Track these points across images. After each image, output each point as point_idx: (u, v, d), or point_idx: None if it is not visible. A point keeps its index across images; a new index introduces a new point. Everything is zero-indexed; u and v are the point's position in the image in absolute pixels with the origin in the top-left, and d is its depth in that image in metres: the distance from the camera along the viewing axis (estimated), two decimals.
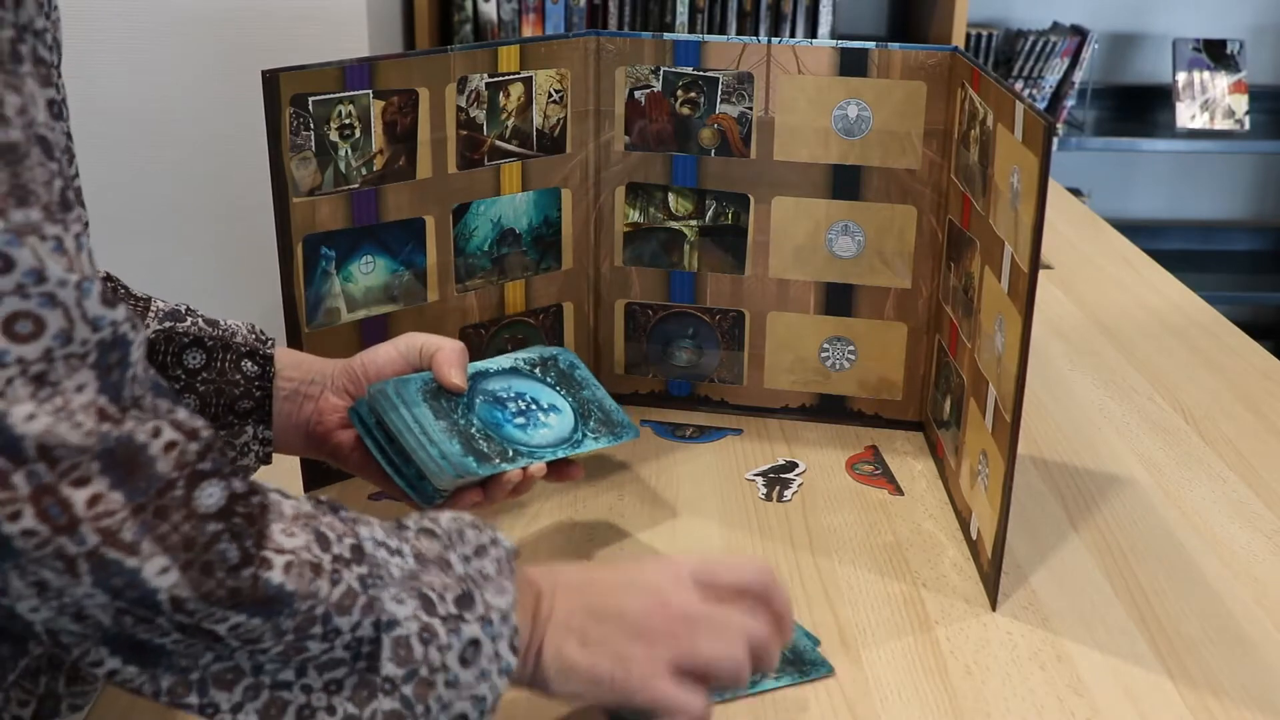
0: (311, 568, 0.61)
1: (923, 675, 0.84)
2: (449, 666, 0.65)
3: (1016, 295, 0.87)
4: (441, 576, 0.67)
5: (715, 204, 1.15)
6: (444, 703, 0.65)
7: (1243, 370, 1.35)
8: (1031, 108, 0.84)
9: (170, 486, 0.57)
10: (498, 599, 0.68)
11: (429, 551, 0.68)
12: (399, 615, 0.64)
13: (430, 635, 0.65)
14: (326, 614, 0.62)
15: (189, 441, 0.58)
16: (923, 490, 1.08)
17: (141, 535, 0.56)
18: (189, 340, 0.92)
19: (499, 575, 0.69)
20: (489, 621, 0.67)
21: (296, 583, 0.60)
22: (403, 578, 0.65)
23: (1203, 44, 3.32)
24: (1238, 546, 1.01)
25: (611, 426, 0.95)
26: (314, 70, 0.98)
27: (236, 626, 0.59)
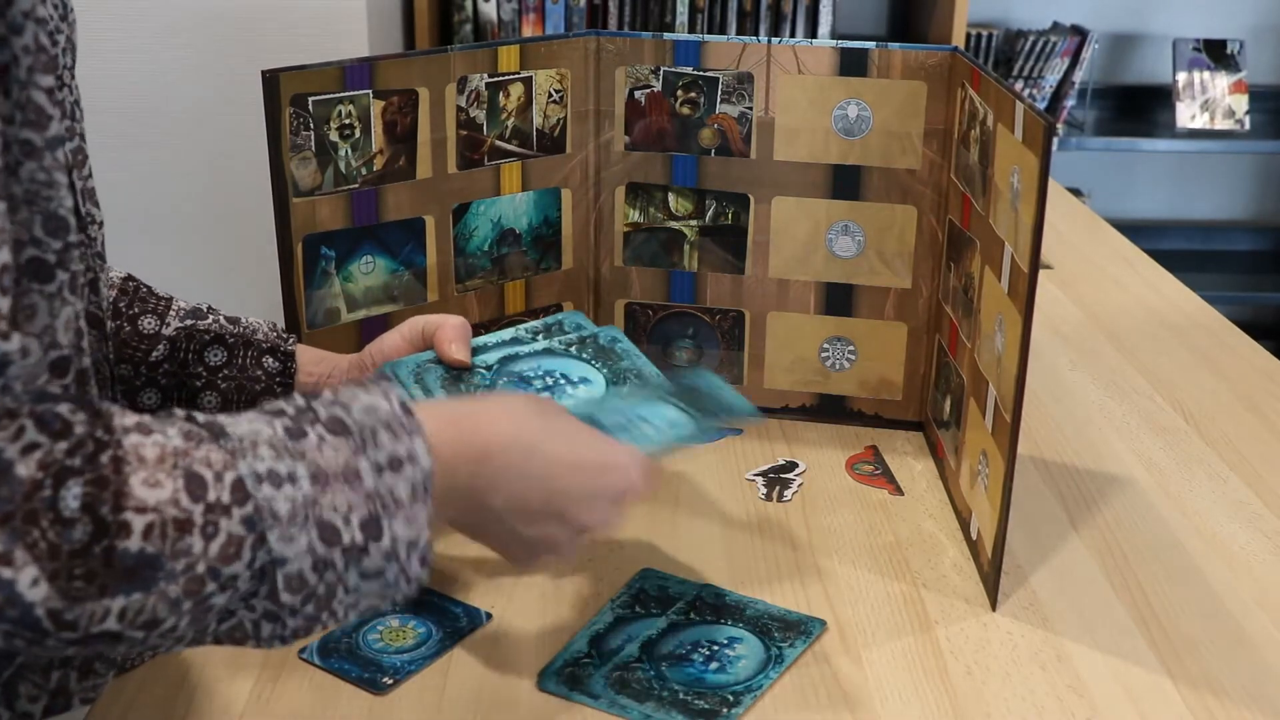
0: (177, 525, 0.57)
1: (923, 675, 0.84)
2: (348, 583, 0.63)
3: (1016, 295, 0.87)
4: (346, 493, 0.63)
5: (715, 204, 1.15)
6: (347, 603, 0.64)
7: (1243, 370, 1.35)
8: (1031, 108, 0.84)
9: (38, 488, 0.54)
10: (406, 529, 0.64)
11: (332, 463, 0.63)
12: (287, 553, 0.61)
13: (325, 565, 0.62)
14: (212, 569, 0.58)
15: (55, 440, 0.55)
16: (923, 490, 1.08)
17: (12, 544, 0.53)
18: (210, 337, 0.93)
19: (412, 501, 0.65)
20: (393, 555, 0.64)
21: (159, 543, 0.56)
22: (292, 513, 0.61)
23: (1203, 44, 3.32)
24: (1238, 546, 1.01)
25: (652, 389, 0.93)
26: (314, 70, 0.98)
27: (124, 613, 0.56)
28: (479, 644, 0.87)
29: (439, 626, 0.88)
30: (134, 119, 2.01)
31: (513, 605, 0.90)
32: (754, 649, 0.85)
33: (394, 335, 0.93)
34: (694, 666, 0.84)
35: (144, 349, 0.92)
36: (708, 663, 0.84)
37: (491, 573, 0.94)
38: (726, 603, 0.90)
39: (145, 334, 0.93)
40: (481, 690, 0.82)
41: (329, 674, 0.83)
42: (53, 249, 0.63)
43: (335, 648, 0.85)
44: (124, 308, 0.93)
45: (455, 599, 0.91)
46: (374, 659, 0.84)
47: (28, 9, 0.61)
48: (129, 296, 0.93)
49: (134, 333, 0.92)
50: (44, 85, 0.63)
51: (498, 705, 0.81)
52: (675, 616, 0.89)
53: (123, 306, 0.93)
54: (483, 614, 0.89)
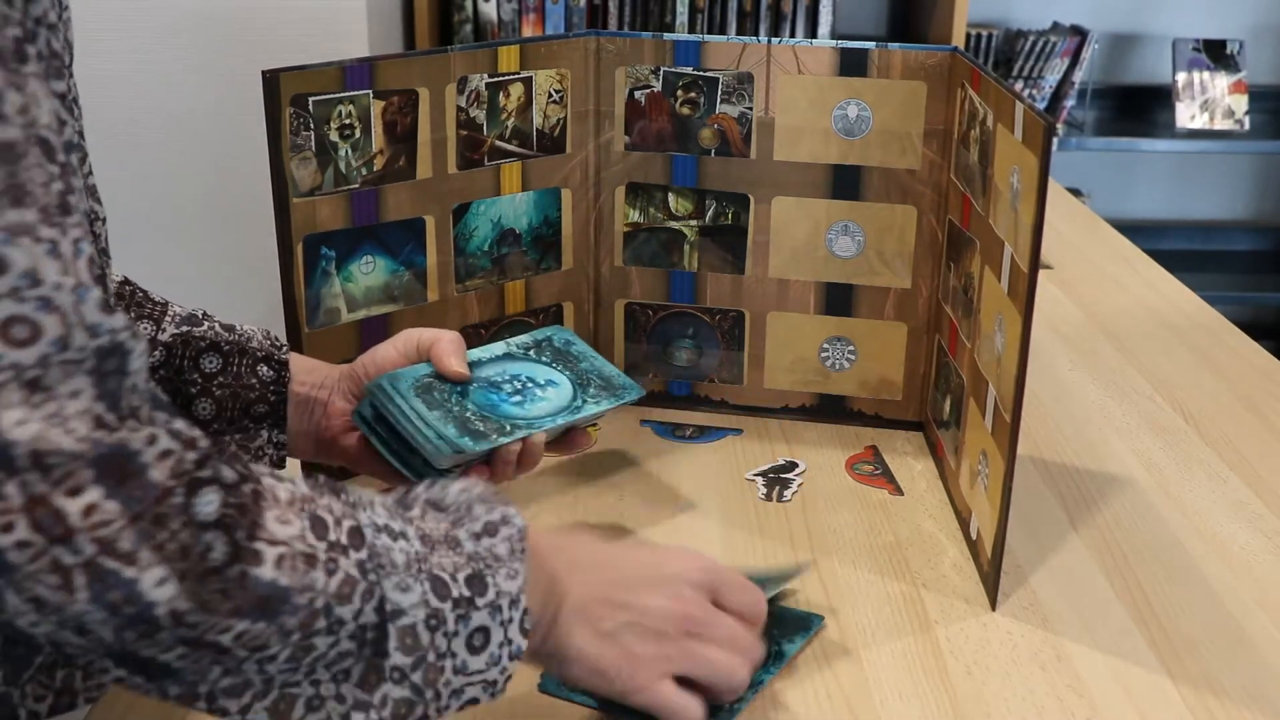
0: (305, 559, 0.59)
1: (923, 675, 0.84)
2: (456, 652, 0.65)
3: (1016, 295, 0.87)
4: (451, 556, 0.66)
5: (715, 204, 1.15)
6: (454, 688, 0.65)
7: (1243, 370, 1.35)
8: (1031, 108, 0.84)
9: (168, 494, 0.56)
10: (509, 584, 0.66)
11: (435, 531, 0.66)
12: (404, 604, 0.63)
13: (438, 622, 0.64)
14: (328, 606, 0.60)
15: (186, 450, 0.57)
16: (923, 490, 1.08)
17: (139, 545, 0.54)
18: (205, 344, 0.93)
19: (510, 558, 0.67)
20: (498, 609, 0.66)
21: (290, 576, 0.58)
22: (407, 563, 0.64)
23: (1202, 44, 3.32)
24: (1238, 546, 1.01)
25: (613, 390, 0.96)
26: (314, 70, 0.98)
27: (241, 635, 0.58)
28: None
29: None
30: (134, 119, 2.01)
31: None
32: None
33: (387, 348, 0.93)
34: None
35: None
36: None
37: None
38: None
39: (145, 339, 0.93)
40: None
41: None
42: None
43: None
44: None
45: None
46: None
47: (40, 15, 0.61)
48: (125, 301, 0.93)
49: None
50: (58, 90, 0.63)
51: (497, 705, 0.81)
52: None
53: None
54: None
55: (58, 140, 0.57)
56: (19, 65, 0.56)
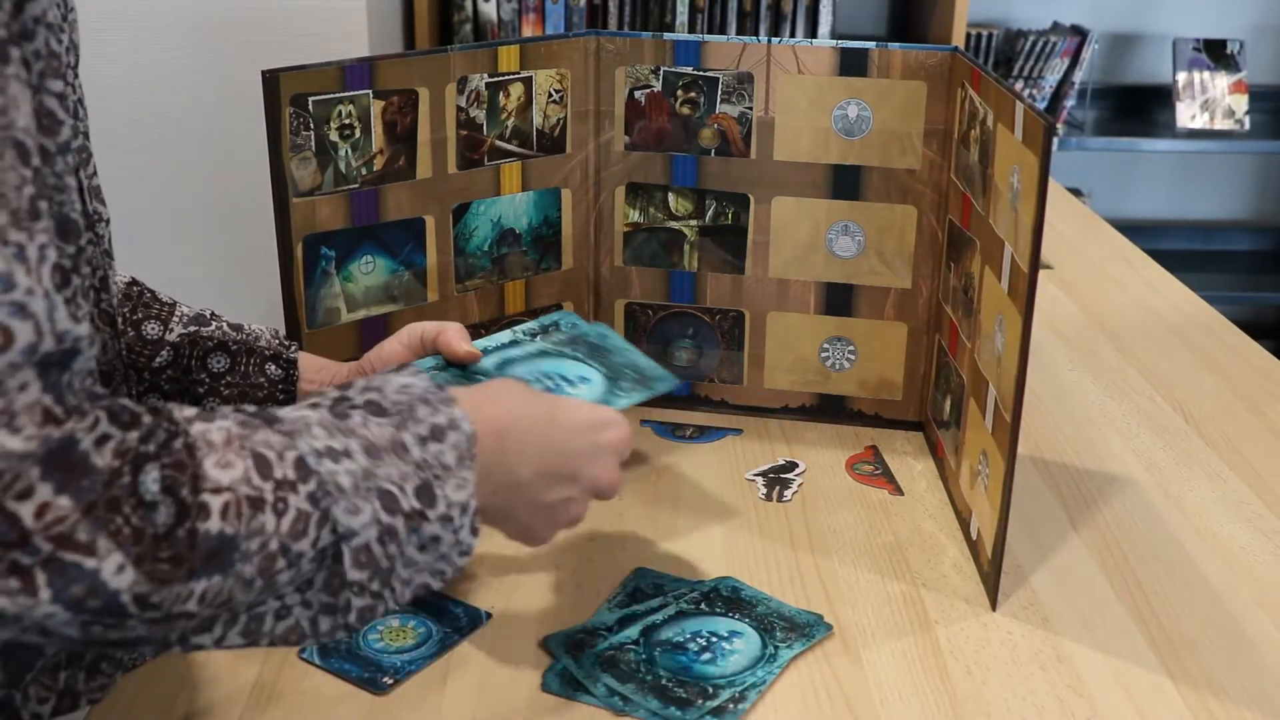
0: (250, 502, 0.59)
1: (923, 675, 0.84)
2: (409, 554, 0.66)
3: (1016, 295, 0.87)
4: (398, 464, 0.65)
5: (715, 204, 1.15)
6: (405, 579, 0.66)
7: (1243, 370, 1.35)
8: (1031, 108, 0.84)
9: (116, 475, 0.55)
10: (458, 494, 0.67)
11: (380, 438, 0.65)
12: (354, 525, 0.63)
13: (390, 534, 0.64)
14: (283, 545, 0.60)
15: (126, 430, 0.56)
16: (923, 490, 1.08)
17: (96, 533, 0.54)
18: (213, 344, 0.93)
19: (459, 466, 0.67)
20: (449, 519, 0.66)
21: (235, 523, 0.58)
22: (354, 484, 0.63)
23: (1203, 44, 3.32)
24: (1238, 546, 1.01)
25: (645, 381, 0.96)
26: (314, 70, 0.98)
27: (204, 596, 0.58)
28: (479, 644, 0.87)
29: (439, 626, 0.88)
30: (134, 119, 2.01)
31: (513, 605, 0.90)
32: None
33: (393, 343, 0.94)
34: (687, 655, 0.84)
35: (147, 354, 0.93)
36: (701, 653, 0.84)
37: (492, 572, 0.94)
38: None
39: (148, 339, 0.93)
40: (482, 690, 0.82)
41: (329, 674, 0.83)
42: (67, 254, 0.63)
43: (335, 648, 0.85)
44: (128, 313, 0.93)
45: (455, 599, 0.91)
46: (374, 659, 0.84)
47: (39, 14, 0.61)
48: (133, 302, 0.94)
49: (137, 338, 0.93)
50: (54, 90, 0.63)
51: (498, 705, 0.81)
52: (685, 605, 0.89)
53: (126, 312, 0.93)
54: (483, 614, 0.89)
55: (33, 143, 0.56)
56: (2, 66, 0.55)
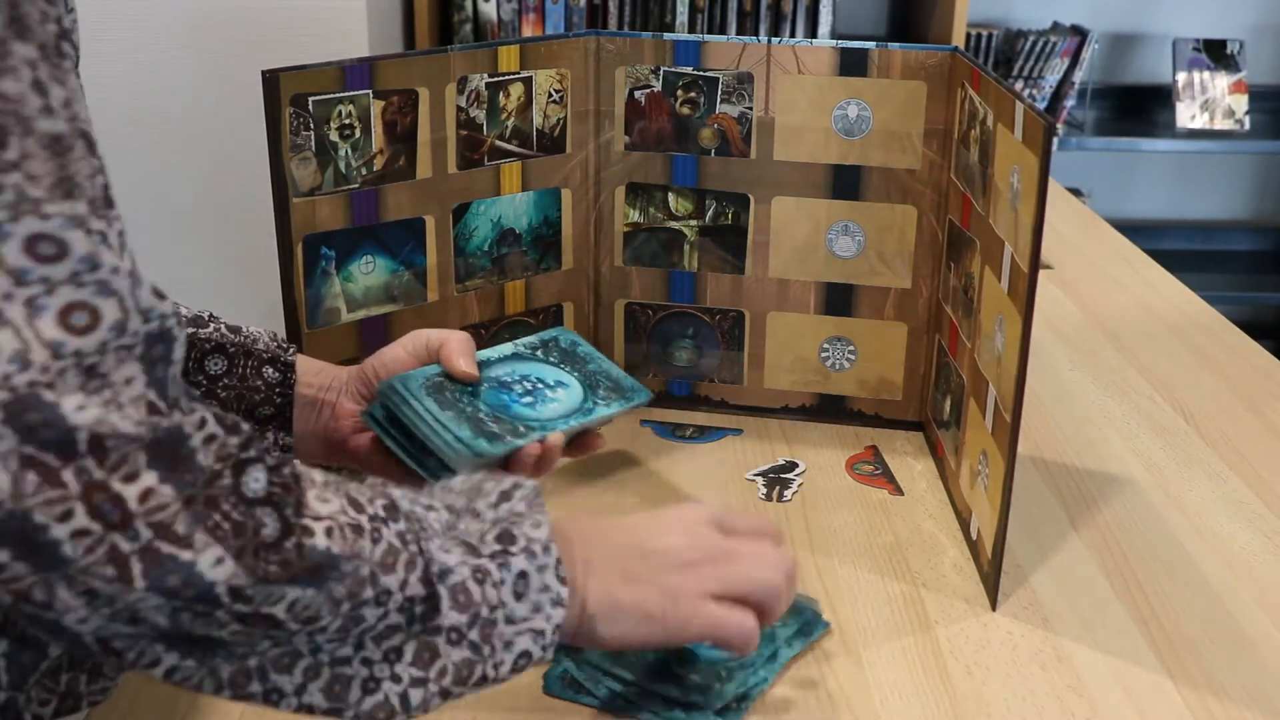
0: (352, 528, 0.61)
1: (923, 675, 0.84)
2: (505, 602, 0.66)
3: (1016, 295, 0.87)
4: (476, 524, 0.68)
5: (715, 204, 1.15)
6: (506, 640, 0.66)
7: (1243, 370, 1.35)
8: (1031, 108, 0.84)
9: (217, 476, 0.57)
10: (535, 531, 0.68)
11: (456, 503, 0.69)
12: (450, 563, 0.64)
13: (483, 574, 0.65)
14: (373, 574, 0.61)
15: (229, 434, 0.58)
16: (923, 490, 1.08)
17: (194, 527, 0.55)
18: (211, 346, 0.92)
19: (531, 510, 0.69)
20: (532, 553, 0.67)
21: (340, 544, 0.60)
22: (443, 529, 0.66)
23: (1202, 44, 3.32)
24: (1238, 546, 1.01)
25: (622, 391, 0.97)
26: (314, 70, 0.98)
27: (294, 604, 0.59)
28: None
29: None
30: (134, 119, 2.01)
31: None
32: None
33: (396, 349, 0.93)
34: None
35: None
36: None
37: None
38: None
39: None
40: (481, 693, 0.82)
41: None
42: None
43: None
44: None
45: None
46: None
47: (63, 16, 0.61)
48: None
49: None
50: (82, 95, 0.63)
51: (498, 705, 0.81)
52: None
53: None
54: None
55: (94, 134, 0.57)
56: (60, 60, 0.56)
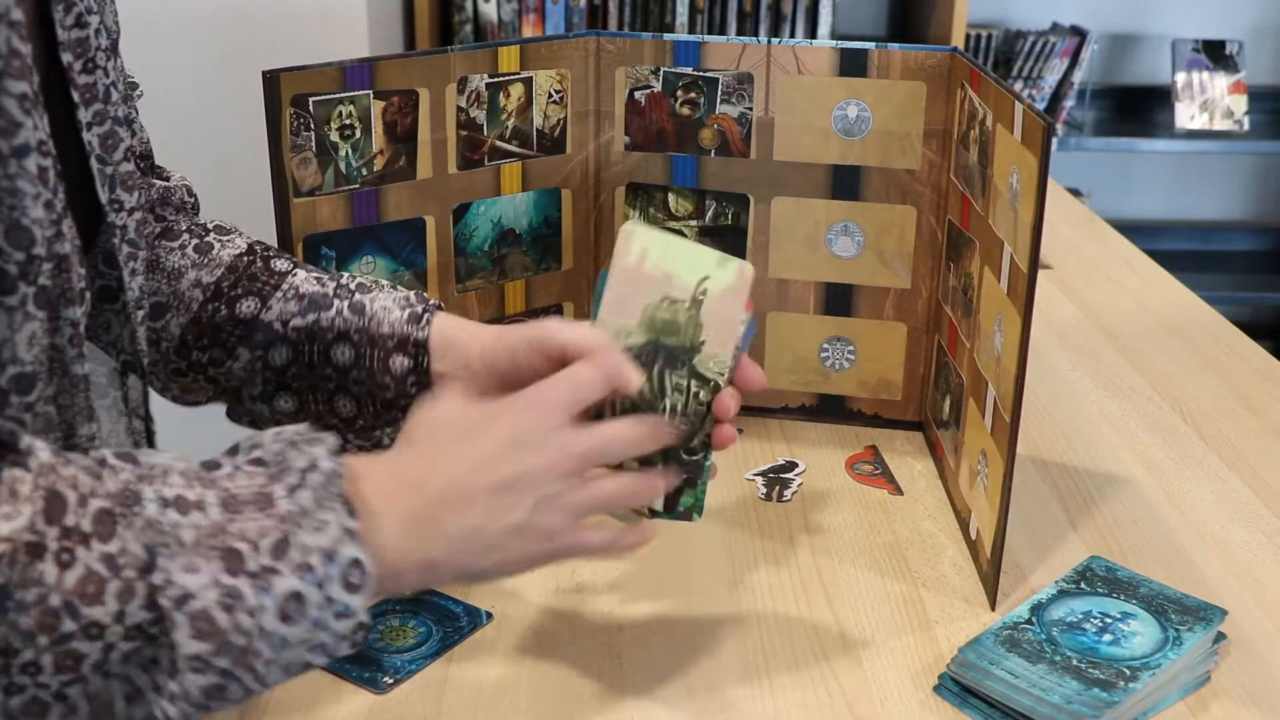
0: (29, 549, 0.54)
1: (922, 675, 0.84)
2: (266, 629, 0.59)
3: (1016, 295, 0.87)
4: (259, 520, 0.60)
5: (715, 204, 1.15)
6: (270, 660, 0.60)
7: (1242, 370, 1.35)
8: (1031, 108, 0.84)
9: None
10: (315, 538, 0.60)
11: (245, 491, 0.61)
12: (191, 587, 0.57)
13: (234, 599, 0.58)
14: (69, 604, 0.55)
15: None
16: (922, 490, 1.08)
17: None
18: (333, 335, 0.85)
19: (317, 509, 0.61)
20: (308, 567, 0.60)
21: (7, 571, 0.53)
22: (196, 540, 0.58)
23: (1202, 44, 3.32)
24: (1237, 546, 1.01)
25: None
26: (314, 71, 0.98)
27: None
28: (479, 644, 0.87)
29: (439, 626, 0.88)
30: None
31: (513, 605, 0.91)
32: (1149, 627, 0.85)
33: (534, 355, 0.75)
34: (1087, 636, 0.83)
35: (237, 334, 0.86)
36: (1101, 634, 0.84)
37: None
38: (1118, 578, 0.90)
39: (241, 318, 0.86)
40: (481, 690, 0.82)
41: (329, 673, 0.83)
42: (14, 259, 0.61)
43: None
44: (227, 288, 0.87)
45: (455, 599, 0.91)
46: (374, 658, 0.84)
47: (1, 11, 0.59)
48: (236, 275, 0.88)
49: (229, 316, 0.87)
50: (15, 91, 0.60)
51: (498, 705, 0.81)
52: (1064, 584, 0.89)
53: (225, 287, 0.88)
54: (483, 614, 0.89)
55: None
56: None
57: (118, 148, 0.74)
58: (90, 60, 0.71)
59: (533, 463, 0.67)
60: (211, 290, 0.88)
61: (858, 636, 0.88)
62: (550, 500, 0.68)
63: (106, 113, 0.72)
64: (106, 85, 0.73)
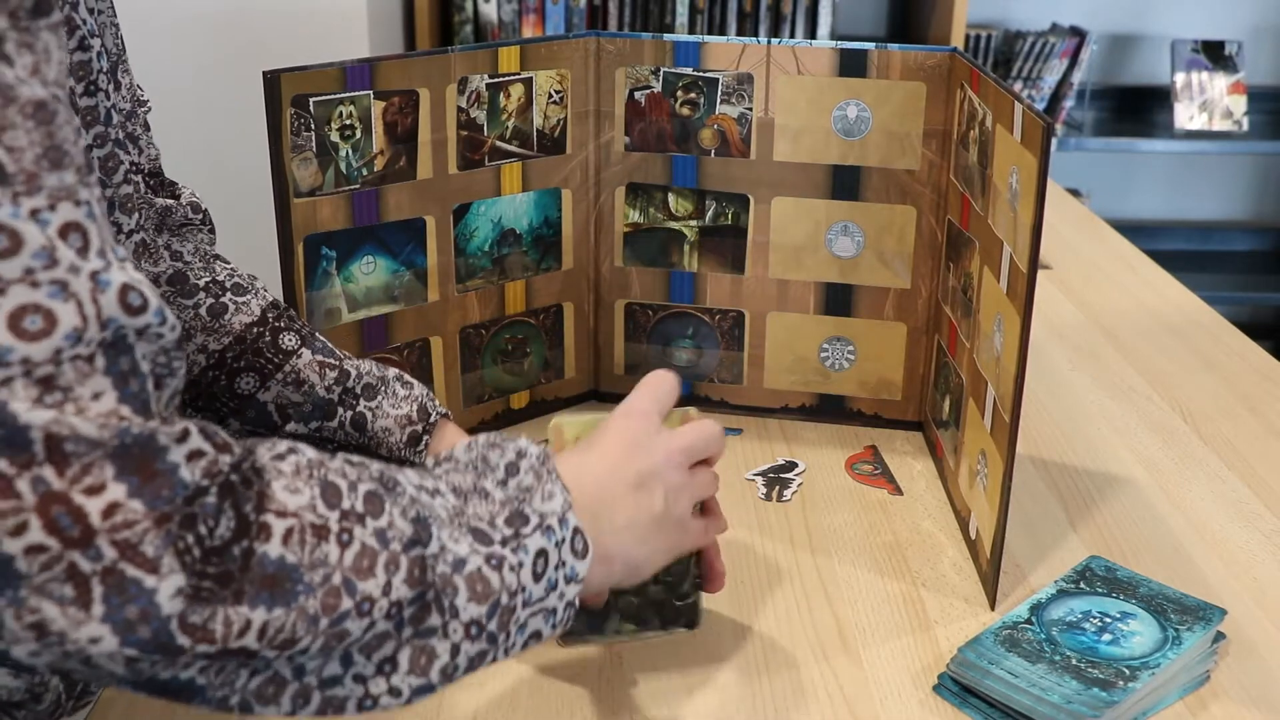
0: (315, 530, 0.54)
1: (922, 674, 0.84)
2: (525, 585, 0.62)
3: (1015, 295, 0.87)
4: (485, 505, 0.64)
5: (715, 204, 1.15)
6: (520, 623, 0.63)
7: (1241, 370, 1.35)
8: (1030, 108, 0.84)
9: (200, 494, 0.51)
10: (548, 504, 0.65)
11: (463, 483, 0.64)
12: (462, 552, 0.60)
13: (498, 560, 0.61)
14: (347, 581, 0.55)
15: (220, 453, 0.52)
16: (922, 490, 1.08)
17: (163, 549, 0.49)
18: (334, 447, 0.87)
19: (540, 482, 0.66)
20: (549, 529, 0.64)
21: (298, 552, 0.53)
22: (450, 516, 0.62)
23: (1201, 45, 3.33)
24: (1237, 546, 1.01)
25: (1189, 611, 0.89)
26: (315, 71, 0.98)
27: (264, 630, 0.53)
28: None
29: None
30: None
31: None
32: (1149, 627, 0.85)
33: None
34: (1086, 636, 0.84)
35: (231, 406, 0.88)
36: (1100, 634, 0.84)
37: None
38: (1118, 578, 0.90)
39: (239, 393, 0.88)
40: (481, 690, 0.82)
41: None
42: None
43: None
44: (231, 359, 0.88)
45: None
46: None
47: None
48: (243, 346, 0.88)
49: (227, 388, 0.88)
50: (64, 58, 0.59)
51: (498, 705, 0.81)
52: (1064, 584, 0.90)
53: (230, 358, 0.88)
54: None
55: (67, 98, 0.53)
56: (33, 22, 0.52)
57: (118, 170, 0.74)
58: (92, 83, 0.71)
59: (654, 458, 0.74)
60: (215, 358, 0.88)
61: (858, 636, 0.88)
62: (676, 491, 0.75)
63: (107, 135, 0.72)
64: (108, 108, 0.73)
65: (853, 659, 0.86)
